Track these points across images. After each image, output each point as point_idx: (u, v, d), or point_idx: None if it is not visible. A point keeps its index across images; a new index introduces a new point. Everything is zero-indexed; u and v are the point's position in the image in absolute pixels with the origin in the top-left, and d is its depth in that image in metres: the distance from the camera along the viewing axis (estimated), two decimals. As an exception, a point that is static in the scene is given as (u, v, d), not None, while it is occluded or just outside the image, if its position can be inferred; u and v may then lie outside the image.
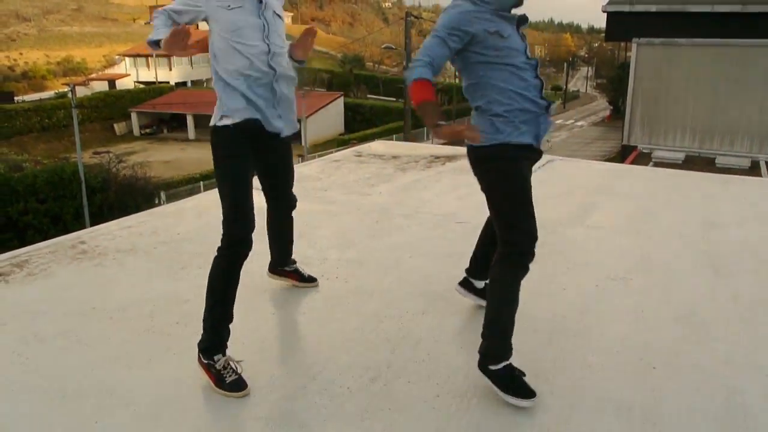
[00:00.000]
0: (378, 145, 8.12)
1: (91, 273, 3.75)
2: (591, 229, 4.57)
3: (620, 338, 2.92)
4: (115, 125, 42.66)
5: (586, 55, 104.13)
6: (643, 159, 17.85)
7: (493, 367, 2.39)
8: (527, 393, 2.36)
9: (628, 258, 3.95)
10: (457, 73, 2.54)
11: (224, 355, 2.53)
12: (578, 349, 2.80)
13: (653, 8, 17.08)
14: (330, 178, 6.15)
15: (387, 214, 4.93)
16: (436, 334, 2.96)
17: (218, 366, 2.49)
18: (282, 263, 3.41)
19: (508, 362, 2.40)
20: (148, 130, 42.06)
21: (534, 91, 2.41)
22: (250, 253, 2.62)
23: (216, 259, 2.59)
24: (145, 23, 77.54)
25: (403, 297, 3.37)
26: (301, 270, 3.46)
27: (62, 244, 4.26)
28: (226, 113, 2.62)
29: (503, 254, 2.43)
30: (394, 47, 33.66)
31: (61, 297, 3.41)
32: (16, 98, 45.04)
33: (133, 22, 78.22)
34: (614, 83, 41.92)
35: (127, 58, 56.36)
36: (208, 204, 5.07)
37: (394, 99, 47.96)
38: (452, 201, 5.22)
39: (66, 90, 38.02)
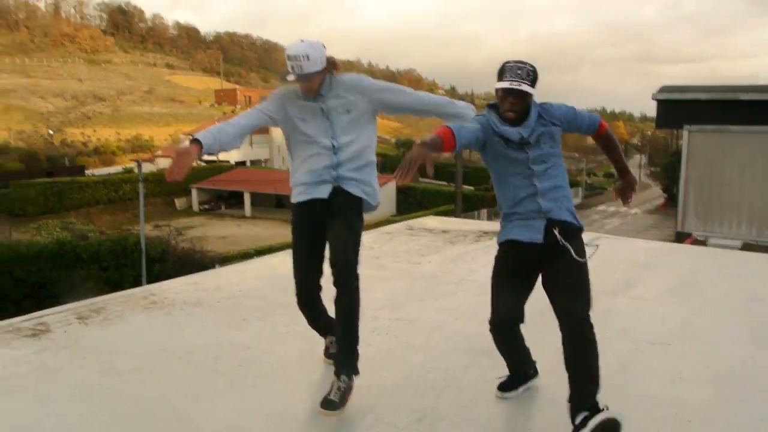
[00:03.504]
0: (429, 220, 8.43)
1: (161, 320, 4.09)
2: (633, 299, 4.69)
3: (657, 395, 3.04)
4: (176, 200, 44.53)
5: (639, 143, 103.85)
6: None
7: None
8: None
9: (668, 325, 4.05)
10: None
11: None
12: (613, 402, 2.92)
13: (703, 96, 17.31)
14: (382, 248, 6.45)
15: (436, 280, 5.16)
16: (479, 384, 3.13)
17: None
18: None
19: None
20: (206, 206, 43.69)
21: None
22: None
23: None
24: (210, 105, 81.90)
25: (449, 352, 3.57)
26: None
27: (134, 295, 4.64)
28: None
29: None
30: (446, 132, 34.34)
31: (134, 339, 3.74)
32: (86, 172, 47.60)
33: (198, 104, 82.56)
34: (668, 171, 41.60)
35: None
36: (265, 267, 5.42)
37: (446, 183, 48.66)
38: (498, 270, 5.41)
39: (133, 165, 40.03)
